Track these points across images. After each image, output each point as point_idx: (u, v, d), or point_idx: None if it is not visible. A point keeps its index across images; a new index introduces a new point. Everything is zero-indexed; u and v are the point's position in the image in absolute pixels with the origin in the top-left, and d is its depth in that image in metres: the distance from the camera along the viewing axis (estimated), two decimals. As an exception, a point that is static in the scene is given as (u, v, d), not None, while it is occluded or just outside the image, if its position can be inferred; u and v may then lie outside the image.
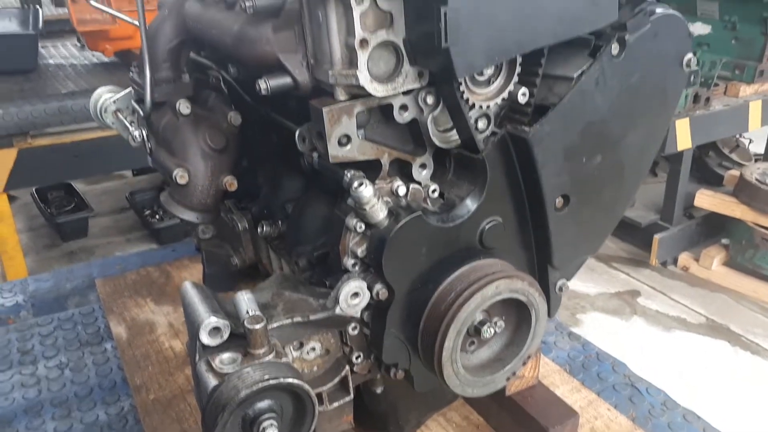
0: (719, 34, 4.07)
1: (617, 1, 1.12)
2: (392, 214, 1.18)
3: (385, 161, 1.22)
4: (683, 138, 3.67)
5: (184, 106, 1.38)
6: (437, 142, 1.23)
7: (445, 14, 0.96)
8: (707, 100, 3.85)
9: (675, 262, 4.23)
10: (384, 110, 1.18)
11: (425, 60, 1.08)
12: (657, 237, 4.09)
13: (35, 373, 1.89)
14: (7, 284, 2.37)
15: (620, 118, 1.25)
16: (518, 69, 1.17)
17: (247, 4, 1.05)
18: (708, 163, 4.59)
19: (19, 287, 2.33)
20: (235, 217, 1.72)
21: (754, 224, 3.82)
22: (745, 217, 3.83)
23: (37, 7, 3.39)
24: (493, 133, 1.23)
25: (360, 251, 1.20)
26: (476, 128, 1.20)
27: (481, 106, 1.18)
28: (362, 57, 1.06)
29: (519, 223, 1.29)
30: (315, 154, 1.26)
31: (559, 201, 1.26)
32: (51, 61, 3.69)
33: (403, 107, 1.17)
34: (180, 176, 1.35)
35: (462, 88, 1.13)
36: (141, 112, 1.43)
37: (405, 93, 1.15)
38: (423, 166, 1.26)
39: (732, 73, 4.05)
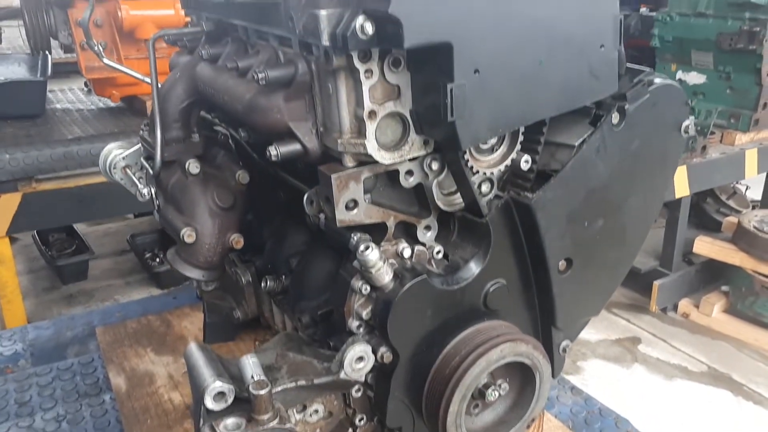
0: (714, 83, 4.15)
1: (617, 73, 1.16)
2: (397, 277, 1.19)
3: (391, 224, 1.24)
4: (681, 185, 3.72)
5: (193, 166, 1.40)
6: (441, 206, 1.25)
7: (452, 90, 0.99)
8: (704, 148, 3.91)
9: (675, 308, 4.22)
10: (390, 175, 1.20)
11: (431, 130, 1.11)
12: (657, 283, 4.09)
13: (32, 425, 1.87)
14: (6, 332, 2.35)
15: (621, 183, 1.28)
16: (521, 137, 1.20)
17: (260, 75, 1.09)
18: (706, 210, 4.63)
19: (19, 335, 2.32)
20: (238, 270, 1.73)
21: (754, 271, 3.83)
22: (744, 264, 3.84)
23: (47, 53, 3.46)
24: (497, 196, 1.26)
25: (365, 313, 1.21)
26: (480, 192, 1.22)
27: (484, 173, 1.20)
28: (370, 127, 1.10)
29: (523, 285, 1.30)
30: (322, 216, 1.28)
31: (562, 264, 1.28)
32: (58, 106, 3.74)
33: (409, 173, 1.19)
34: (188, 235, 1.37)
35: (466, 156, 1.16)
36: (150, 170, 1.45)
37: (411, 159, 1.17)
38: (428, 227, 1.28)
39: (728, 122, 4.11)
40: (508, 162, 1.21)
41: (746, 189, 4.78)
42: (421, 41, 0.95)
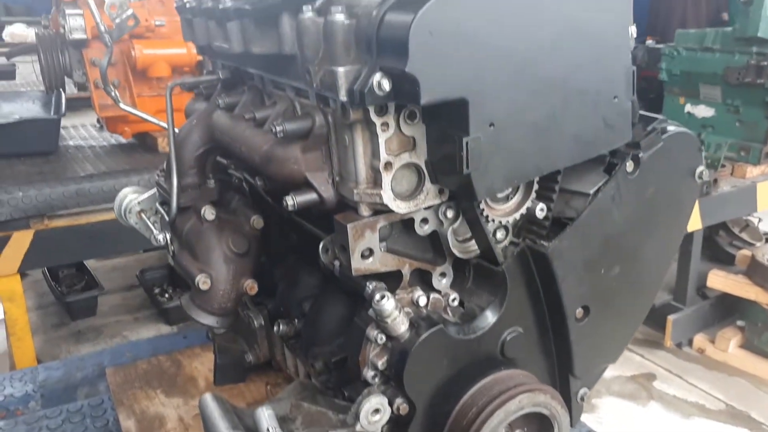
0: (723, 116, 4.15)
1: (630, 123, 1.17)
2: (413, 326, 1.18)
3: (406, 271, 1.23)
4: (693, 219, 3.69)
5: (209, 212, 1.41)
6: (457, 253, 1.25)
7: (467, 143, 1.00)
8: (715, 181, 3.89)
9: (690, 343, 4.15)
10: (405, 222, 1.20)
11: (446, 181, 1.12)
12: (671, 318, 4.04)
13: (42, 470, 1.85)
14: (17, 373, 2.35)
15: (637, 230, 1.27)
16: (535, 185, 1.20)
17: (278, 129, 1.10)
18: (719, 242, 4.59)
19: (29, 376, 2.31)
20: (251, 313, 1.72)
21: (769, 306, 3.77)
22: (759, 299, 3.79)
23: (61, 91, 3.52)
24: (512, 243, 1.25)
25: (380, 363, 1.20)
26: (495, 240, 1.22)
27: (500, 221, 1.20)
28: (386, 178, 1.10)
29: (540, 334, 1.29)
30: (336, 262, 1.28)
31: (579, 312, 1.27)
32: (71, 143, 3.80)
33: (424, 220, 1.19)
34: (203, 282, 1.37)
35: (481, 205, 1.16)
36: (165, 216, 1.46)
37: (426, 207, 1.18)
38: (443, 274, 1.27)
39: (738, 155, 4.10)
40: (523, 210, 1.21)
41: (759, 221, 4.74)
42: (438, 98, 0.96)
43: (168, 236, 1.48)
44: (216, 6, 1.28)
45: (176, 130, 1.47)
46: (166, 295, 3.90)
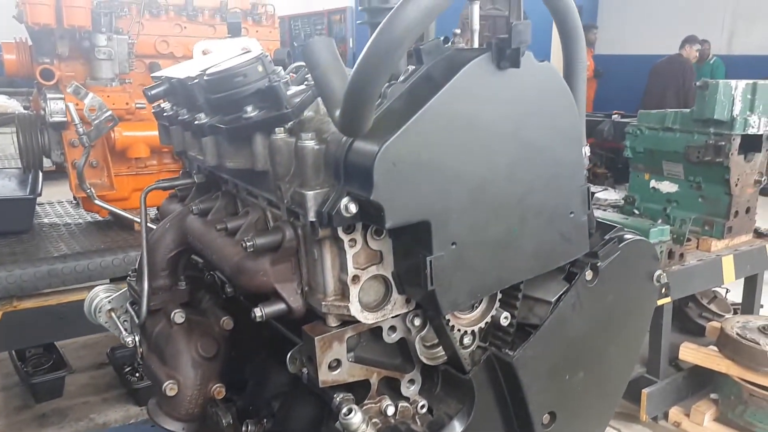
0: (686, 192, 4.31)
1: (587, 236, 1.23)
2: (381, 438, 1.19)
3: (374, 381, 1.24)
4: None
5: (178, 316, 1.42)
6: (425, 360, 1.27)
7: (431, 262, 1.04)
8: (681, 255, 4.00)
9: (666, 416, 4.14)
10: (374, 330, 1.22)
11: (412, 292, 1.15)
12: (645, 391, 4.03)
13: None
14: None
15: (599, 335, 1.31)
16: (499, 295, 1.24)
17: (248, 244, 1.13)
18: (689, 314, 4.66)
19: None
20: (219, 411, 1.69)
21: (741, 379, 3.80)
22: (731, 372, 3.82)
23: (38, 171, 3.53)
24: (480, 347, 1.28)
25: (349, 475, 1.19)
26: (462, 345, 1.25)
27: (466, 330, 1.23)
28: (353, 291, 1.13)
29: (508, 440, 1.30)
30: (305, 370, 1.28)
31: (546, 418, 1.28)
32: (45, 220, 3.77)
33: (392, 328, 1.22)
34: (170, 389, 1.36)
35: (447, 315, 1.19)
36: (135, 318, 1.46)
37: (394, 316, 1.20)
38: (411, 381, 1.29)
39: (702, 229, 4.23)
40: (488, 319, 1.24)
41: (726, 292, 4.84)
42: (402, 221, 1.01)
43: (137, 338, 1.47)
44: (192, 119, 1.33)
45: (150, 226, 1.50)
46: (137, 374, 3.79)
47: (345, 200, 1.02)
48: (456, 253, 1.06)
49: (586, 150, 1.20)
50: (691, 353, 4.00)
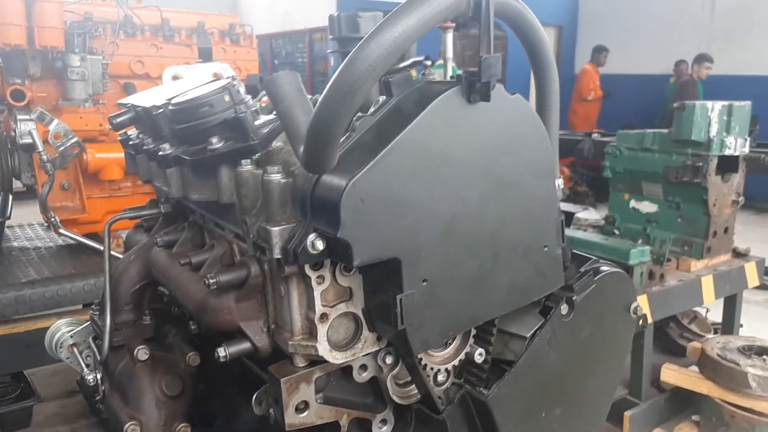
0: (666, 212, 4.34)
1: (562, 269, 1.20)
2: (351, 482, 1.13)
3: (344, 422, 1.19)
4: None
5: (142, 353, 1.36)
6: (397, 399, 1.22)
7: (401, 300, 1.00)
8: (661, 276, 4.00)
9: (649, 438, 4.11)
10: (344, 369, 1.18)
11: (383, 330, 1.11)
12: (627, 414, 4.01)
13: None
14: None
15: (576, 369, 1.28)
16: (473, 331, 1.21)
17: (212, 281, 1.09)
18: (670, 334, 4.66)
19: None
20: (187, 450, 1.63)
21: (722, 400, 3.79)
22: (711, 393, 3.81)
23: (8, 194, 3.44)
24: (455, 384, 1.24)
25: None
26: (436, 382, 1.21)
27: (439, 368, 1.19)
28: (322, 330, 1.09)
29: (483, 481, 1.25)
30: (272, 411, 1.23)
31: (522, 457, 1.24)
32: (15, 244, 3.67)
33: (363, 367, 1.17)
34: (131, 431, 1.29)
35: (420, 354, 1.15)
36: (98, 354, 1.40)
37: (365, 354, 1.16)
38: (384, 422, 1.24)
39: (682, 249, 4.25)
40: (462, 356, 1.20)
41: (707, 312, 4.86)
42: (371, 258, 0.97)
43: (99, 376, 1.41)
44: (156, 149, 1.29)
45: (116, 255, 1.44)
46: (109, 402, 3.68)
47: (312, 237, 0.98)
48: (427, 291, 1.03)
49: (560, 182, 1.17)
50: (672, 375, 3.99)
